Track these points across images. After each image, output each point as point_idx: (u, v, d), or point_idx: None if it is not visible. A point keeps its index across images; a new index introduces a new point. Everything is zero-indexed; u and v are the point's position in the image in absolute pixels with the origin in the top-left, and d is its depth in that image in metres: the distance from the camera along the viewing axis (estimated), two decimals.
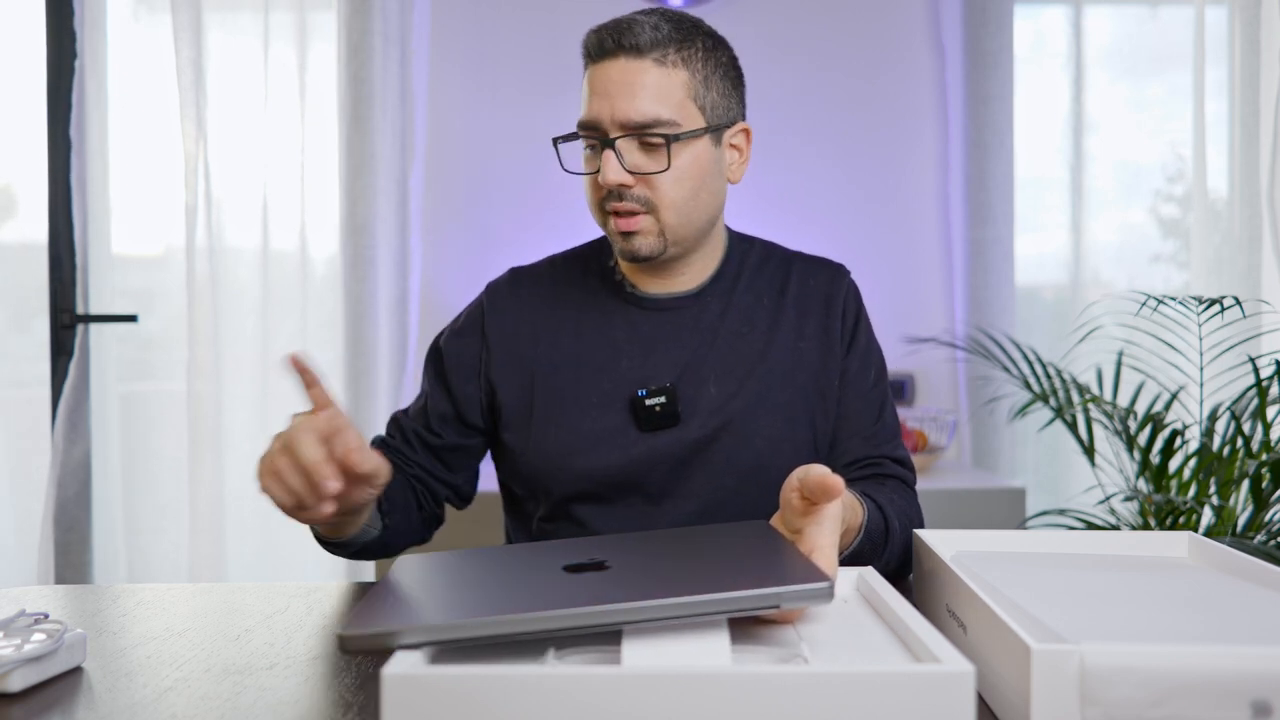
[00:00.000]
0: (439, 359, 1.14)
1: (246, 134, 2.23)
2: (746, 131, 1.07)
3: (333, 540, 0.99)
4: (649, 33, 0.98)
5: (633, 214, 1.00)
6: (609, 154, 0.98)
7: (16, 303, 2.26)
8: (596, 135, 1.00)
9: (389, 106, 2.23)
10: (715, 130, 1.02)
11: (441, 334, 1.16)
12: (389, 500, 1.04)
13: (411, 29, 2.27)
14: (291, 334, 2.25)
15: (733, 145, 1.06)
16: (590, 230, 1.23)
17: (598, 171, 1.01)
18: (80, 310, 2.19)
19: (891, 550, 0.96)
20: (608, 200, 1.01)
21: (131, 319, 2.23)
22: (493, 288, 1.16)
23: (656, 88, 0.98)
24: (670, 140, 0.98)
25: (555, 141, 1.05)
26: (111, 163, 2.23)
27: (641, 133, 0.98)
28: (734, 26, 1.06)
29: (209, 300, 2.15)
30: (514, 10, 2.34)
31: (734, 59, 1.05)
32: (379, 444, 1.14)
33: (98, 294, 2.21)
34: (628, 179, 0.99)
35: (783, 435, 1.05)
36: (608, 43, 0.98)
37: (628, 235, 1.02)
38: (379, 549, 1.05)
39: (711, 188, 1.04)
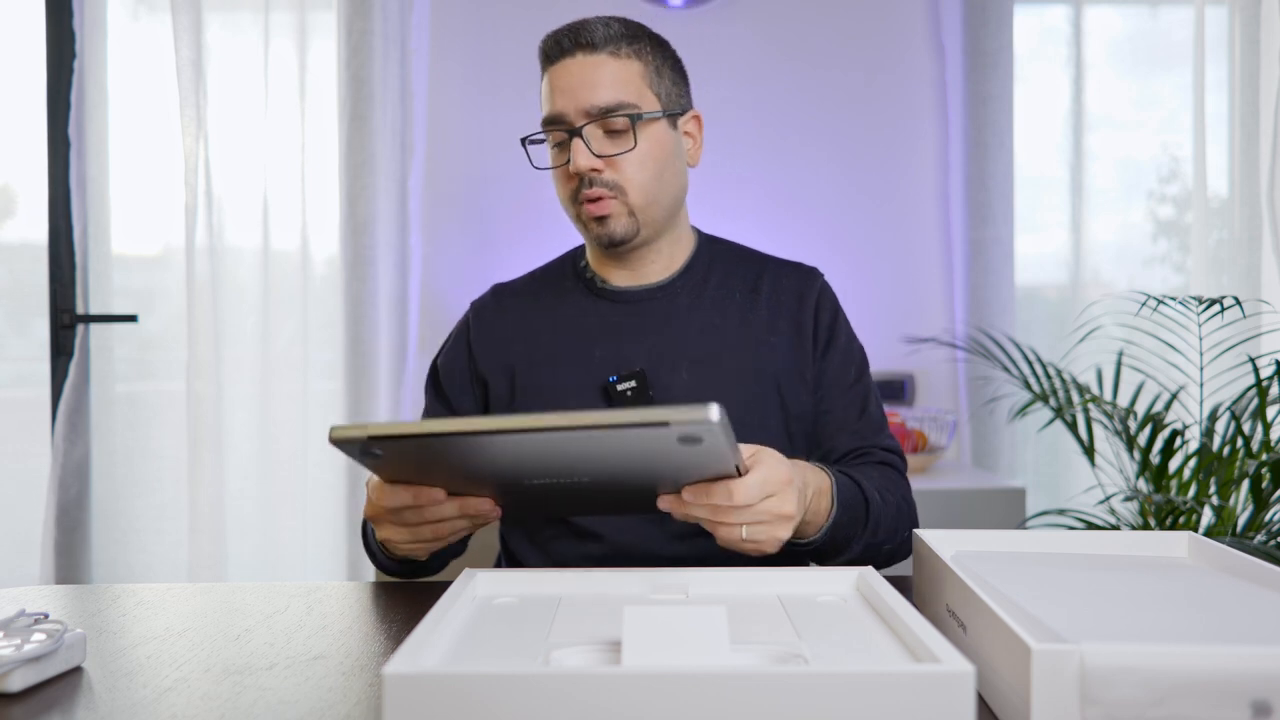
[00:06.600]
0: (437, 377, 1.19)
1: (246, 133, 2.23)
2: (698, 118, 1.15)
3: (407, 559, 0.99)
4: (602, 30, 1.06)
5: (602, 198, 1.05)
6: (577, 142, 1.04)
7: (16, 303, 2.26)
8: (562, 127, 1.06)
9: (389, 106, 2.23)
10: (671, 116, 1.09)
11: (437, 355, 1.21)
12: None
13: (411, 29, 2.27)
14: (291, 334, 2.25)
15: (687, 132, 1.13)
16: None
17: (566, 164, 1.06)
18: (80, 310, 2.19)
19: (877, 521, 0.98)
20: (579, 191, 1.06)
21: (131, 319, 2.23)
22: (477, 304, 1.21)
23: (615, 76, 1.05)
24: (634, 120, 1.04)
25: (524, 141, 1.11)
26: (111, 162, 2.23)
27: (606, 117, 1.04)
28: (734, 27, 1.06)
29: (209, 300, 2.15)
30: (514, 10, 2.34)
31: (678, 57, 1.13)
32: None
33: (98, 294, 2.21)
34: (597, 163, 1.05)
35: (756, 425, 1.08)
36: (565, 43, 1.06)
37: (601, 220, 1.07)
38: (426, 562, 1.04)
39: (674, 169, 1.10)
